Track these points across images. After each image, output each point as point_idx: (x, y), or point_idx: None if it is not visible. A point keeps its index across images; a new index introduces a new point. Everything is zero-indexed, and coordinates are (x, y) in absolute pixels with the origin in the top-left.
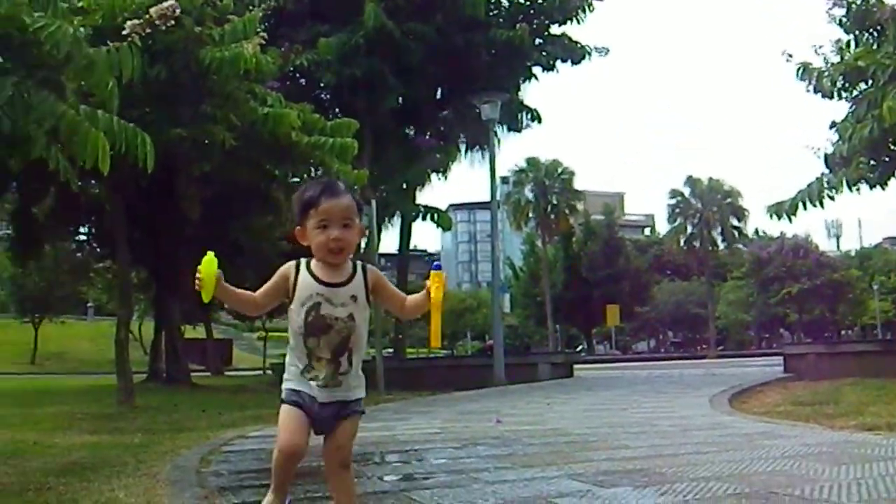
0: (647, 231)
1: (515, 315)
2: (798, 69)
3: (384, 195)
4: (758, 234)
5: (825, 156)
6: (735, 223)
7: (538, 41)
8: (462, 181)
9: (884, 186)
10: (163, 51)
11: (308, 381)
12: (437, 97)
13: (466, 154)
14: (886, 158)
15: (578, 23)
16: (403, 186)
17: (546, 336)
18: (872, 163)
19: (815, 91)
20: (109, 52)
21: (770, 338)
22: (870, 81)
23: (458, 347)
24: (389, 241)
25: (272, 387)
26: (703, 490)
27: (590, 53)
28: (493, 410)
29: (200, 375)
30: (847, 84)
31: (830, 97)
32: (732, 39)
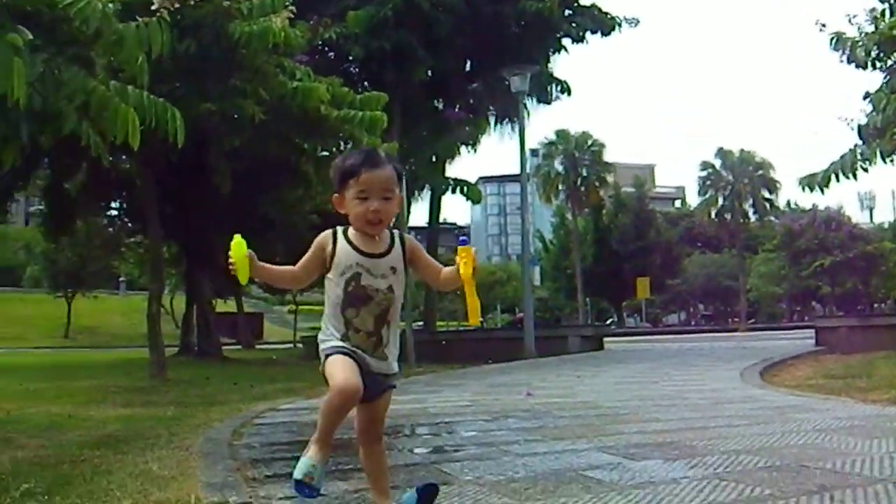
0: (678, 203)
1: (545, 288)
2: (831, 39)
3: (413, 168)
4: (790, 207)
5: (858, 127)
6: (767, 195)
7: (567, 12)
8: (491, 154)
9: None
10: (191, 25)
11: (353, 349)
12: (466, 69)
13: (496, 126)
14: None
15: None
16: (433, 159)
17: (576, 309)
18: None
19: (849, 61)
20: (139, 28)
21: (802, 311)
22: None
23: (489, 320)
24: (419, 215)
25: (303, 360)
26: (734, 463)
27: (619, 24)
28: (524, 383)
29: (232, 349)
30: (881, 54)
31: (864, 67)
32: (765, 8)
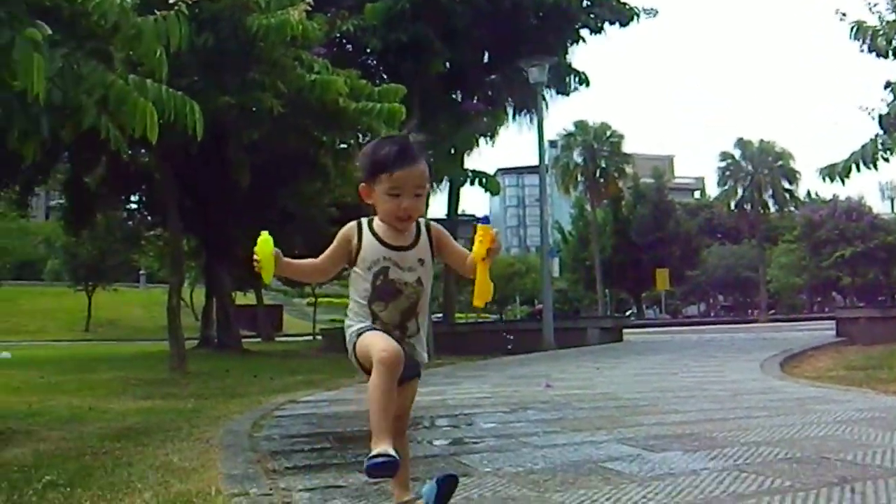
0: (698, 194)
1: (564, 279)
2: (852, 28)
3: (432, 160)
4: (810, 197)
5: (880, 116)
6: (787, 186)
7: (586, 3)
8: (510, 145)
9: None
10: (210, 19)
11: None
12: (485, 61)
13: (514, 118)
14: None
15: None
16: (451, 151)
17: (595, 300)
18: None
19: (870, 50)
20: (157, 21)
21: (822, 302)
22: None
23: (508, 312)
24: (438, 207)
25: (322, 352)
26: (754, 455)
27: (638, 15)
28: (543, 375)
29: (251, 341)
30: None
31: (885, 56)
32: None
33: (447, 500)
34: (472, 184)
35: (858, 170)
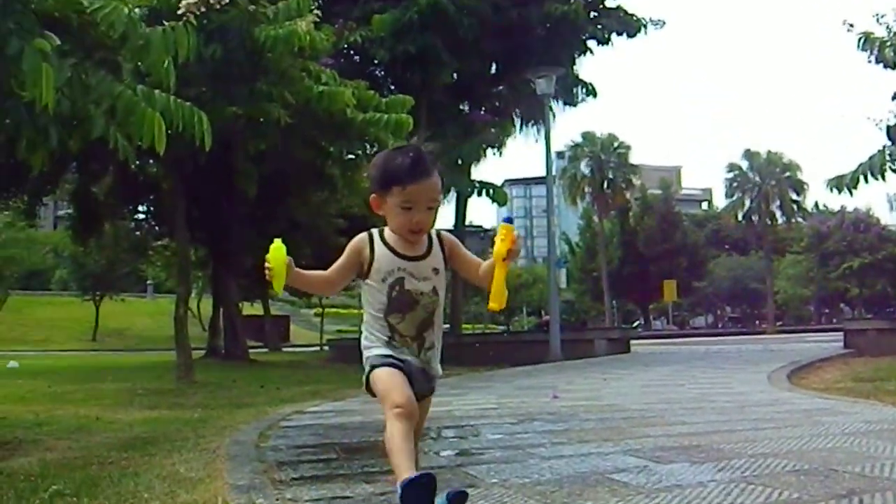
0: (705, 205)
1: (572, 290)
2: (859, 39)
3: (439, 171)
4: (818, 208)
5: (887, 127)
6: (794, 197)
7: (593, 14)
8: (517, 156)
9: None
10: (217, 29)
11: (399, 349)
12: (492, 72)
13: (521, 129)
14: None
15: None
16: (458, 162)
17: (602, 311)
18: None
19: (877, 61)
20: (165, 32)
21: (830, 313)
22: None
23: (515, 323)
24: (445, 217)
25: (329, 363)
26: (762, 466)
27: (645, 26)
28: (550, 386)
29: (258, 352)
30: None
31: (893, 67)
32: (791, 9)
33: None
34: (480, 194)
35: (866, 181)
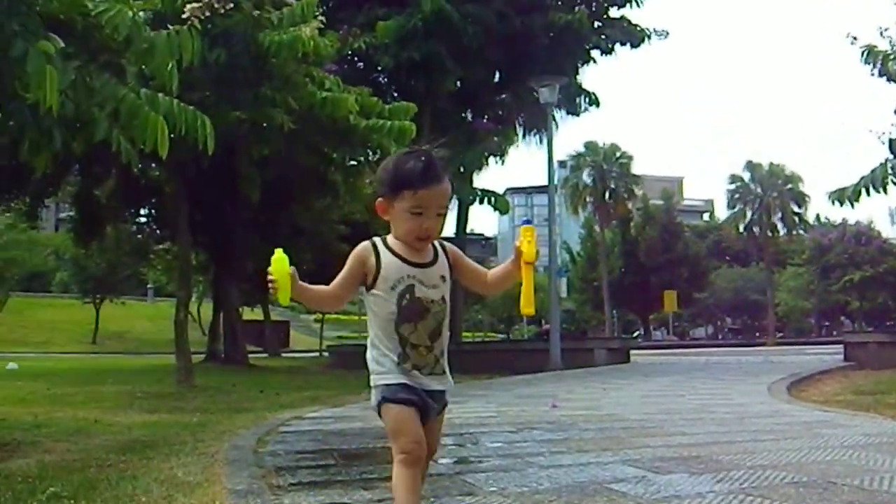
0: (707, 216)
1: (572, 300)
2: (863, 52)
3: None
4: (819, 221)
5: (889, 140)
6: (796, 209)
7: (597, 24)
8: (519, 165)
9: None
10: (222, 34)
11: (410, 372)
12: (496, 80)
13: (524, 137)
14: None
15: (638, 5)
16: (461, 170)
17: (603, 321)
18: None
19: (881, 74)
20: (169, 36)
21: (830, 326)
22: None
23: (515, 332)
24: (446, 225)
25: (329, 369)
26: (760, 478)
27: (649, 36)
28: (549, 395)
29: (258, 357)
30: None
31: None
32: (795, 21)
33: None
34: (482, 202)
35: (868, 194)
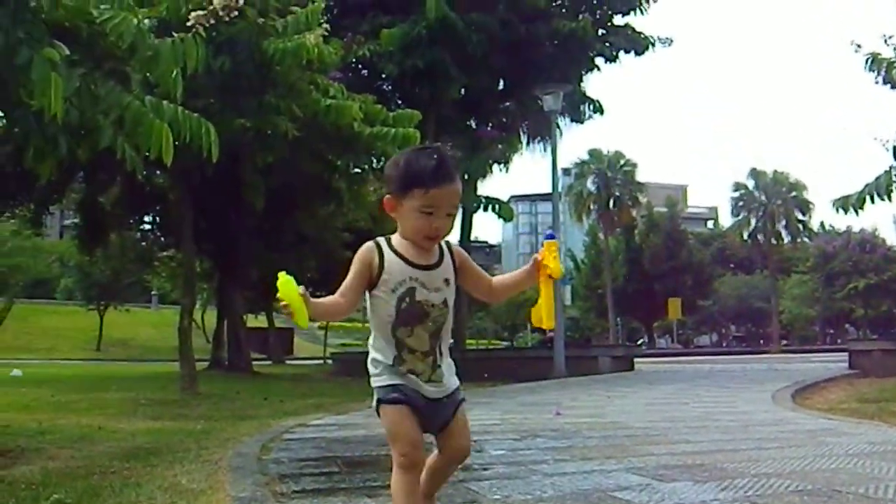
0: (711, 224)
1: (576, 307)
2: (867, 60)
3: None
4: (823, 228)
5: (894, 148)
6: (800, 216)
7: (601, 32)
8: (523, 172)
9: None
10: (226, 42)
11: (406, 375)
12: (500, 88)
13: (528, 145)
14: None
15: (642, 13)
16: (465, 177)
17: (607, 329)
18: None
19: (885, 82)
20: (174, 44)
21: (835, 333)
22: None
23: (519, 339)
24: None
25: (333, 376)
26: (765, 486)
27: (653, 44)
28: (553, 403)
29: (262, 364)
30: None
31: None
32: (799, 29)
33: None
34: (486, 210)
35: (872, 201)
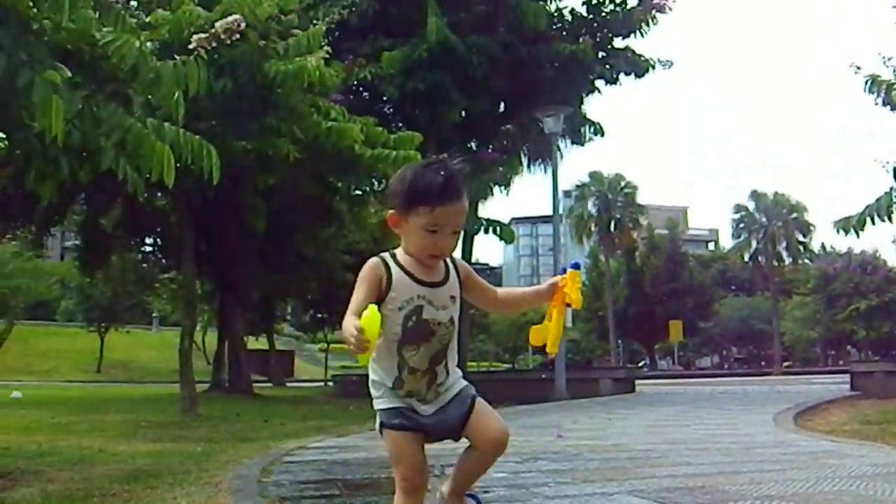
0: (711, 246)
1: (577, 329)
2: (866, 81)
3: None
4: (824, 250)
5: (894, 169)
6: (801, 238)
7: (602, 54)
8: (524, 194)
9: None
10: (228, 64)
11: (405, 398)
12: (500, 110)
13: (529, 167)
14: None
15: (642, 36)
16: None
17: (608, 351)
18: None
19: (884, 104)
20: (175, 66)
21: (837, 355)
22: None
23: (520, 361)
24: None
25: (334, 398)
26: None
27: (654, 66)
28: (554, 425)
29: (262, 386)
30: None
31: None
32: (798, 51)
33: None
34: (487, 232)
35: (873, 223)
